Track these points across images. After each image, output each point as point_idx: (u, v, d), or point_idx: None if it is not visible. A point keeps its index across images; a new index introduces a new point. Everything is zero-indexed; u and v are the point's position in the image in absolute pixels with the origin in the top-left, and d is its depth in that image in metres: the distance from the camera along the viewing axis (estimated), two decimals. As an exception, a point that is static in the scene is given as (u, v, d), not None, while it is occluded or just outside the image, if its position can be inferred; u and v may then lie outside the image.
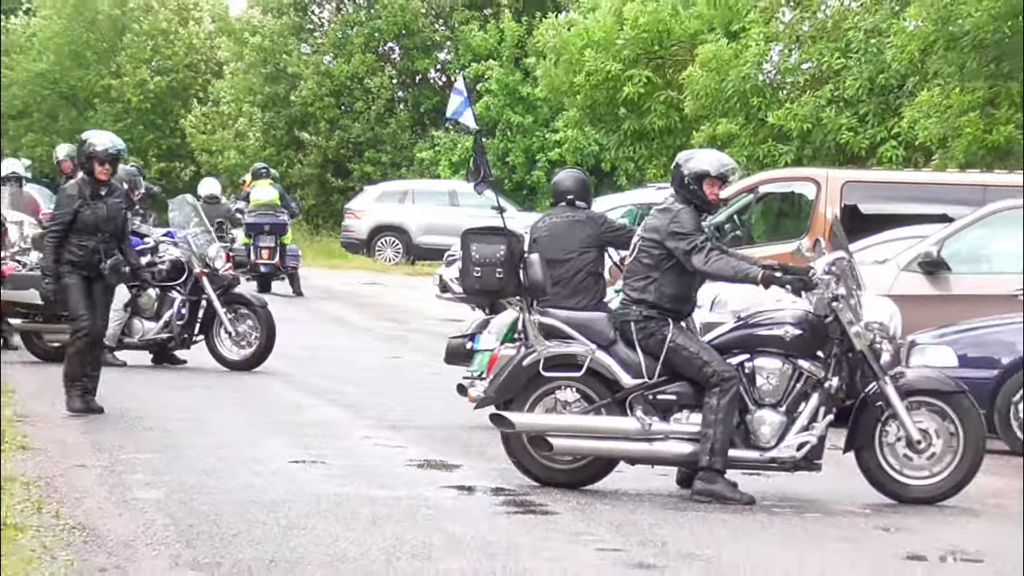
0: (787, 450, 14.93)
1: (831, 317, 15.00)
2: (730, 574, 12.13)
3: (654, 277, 15.03)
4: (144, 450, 16.98)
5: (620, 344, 15.03)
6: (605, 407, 15.01)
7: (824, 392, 15.02)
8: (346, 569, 11.77)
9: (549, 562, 12.31)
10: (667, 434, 14.92)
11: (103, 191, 19.20)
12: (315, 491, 14.90)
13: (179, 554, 12.15)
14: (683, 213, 15.04)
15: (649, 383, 14.95)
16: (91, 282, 19.06)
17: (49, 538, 12.35)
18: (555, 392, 15.09)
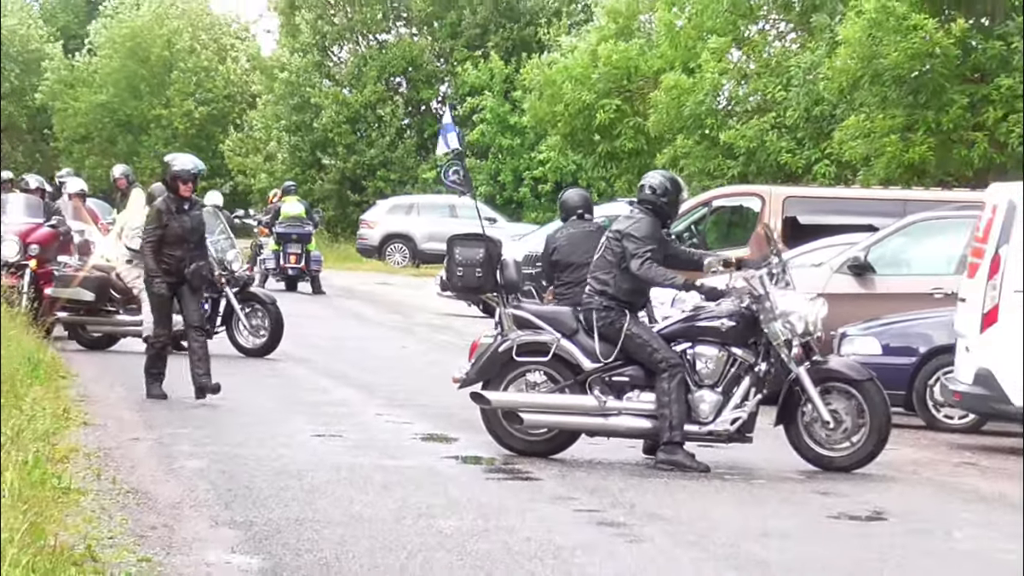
0: (723, 424, 15.04)
1: (754, 312, 15.14)
2: (688, 531, 12.11)
3: (615, 272, 15.14)
4: (188, 426, 16.97)
5: (582, 333, 15.14)
6: (568, 387, 15.14)
7: (754, 375, 15.12)
8: (361, 527, 11.76)
9: (534, 521, 12.31)
10: (620, 410, 15.08)
11: (187, 206, 18.84)
12: (334, 461, 14.90)
13: (218, 515, 12.15)
14: (643, 222, 15.19)
15: (605, 366, 15.07)
16: (177, 287, 18.77)
17: (107, 501, 12.33)
18: (526, 374, 15.23)
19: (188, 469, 14.21)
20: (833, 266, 22.20)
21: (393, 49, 65.62)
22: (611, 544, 11.55)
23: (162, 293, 18.75)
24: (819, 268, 22.45)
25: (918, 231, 22.41)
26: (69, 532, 10.62)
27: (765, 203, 25.78)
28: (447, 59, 64.73)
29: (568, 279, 17.34)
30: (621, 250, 15.06)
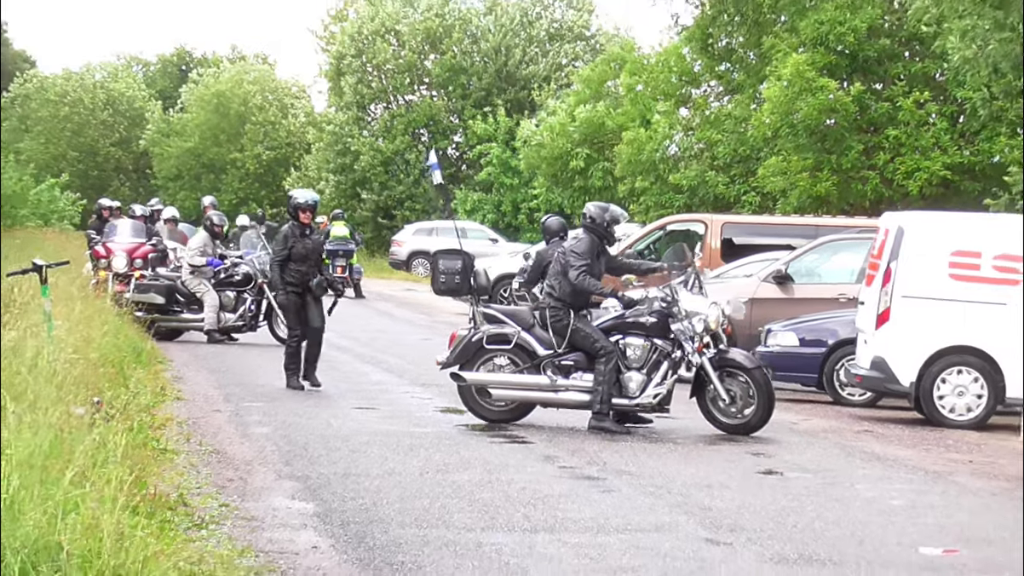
0: (647, 399, 15.25)
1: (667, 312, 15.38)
2: (648, 483, 12.07)
3: (562, 280, 15.35)
4: (258, 400, 16.94)
5: (537, 327, 15.41)
6: (526, 369, 15.39)
7: (671, 360, 15.33)
8: (392, 480, 11.72)
9: (528, 475, 12.28)
10: (567, 387, 15.34)
11: (308, 231, 18.35)
12: (371, 428, 14.85)
13: (281, 469, 12.12)
14: (583, 242, 15.45)
15: (555, 353, 15.31)
16: (303, 296, 18.20)
17: (195, 458, 12.32)
18: (493, 359, 15.50)
19: (258, 434, 14.18)
20: (761, 277, 22.19)
21: (417, 107, 65.56)
22: (588, 493, 11.52)
23: (291, 302, 18.25)
24: (750, 278, 22.43)
25: (827, 249, 22.40)
26: (165, 483, 10.60)
27: (708, 227, 25.70)
28: (459, 115, 64.67)
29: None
30: (565, 263, 15.26)
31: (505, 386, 15.41)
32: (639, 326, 15.37)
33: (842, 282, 21.50)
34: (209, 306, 24.05)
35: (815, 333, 19.80)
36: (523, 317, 15.58)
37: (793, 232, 24.84)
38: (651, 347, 15.31)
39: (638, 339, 15.34)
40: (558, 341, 15.28)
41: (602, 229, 15.53)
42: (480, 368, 15.45)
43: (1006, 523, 11.09)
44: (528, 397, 15.47)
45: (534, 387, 15.35)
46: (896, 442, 15.84)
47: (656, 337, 15.33)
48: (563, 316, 15.25)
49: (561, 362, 15.29)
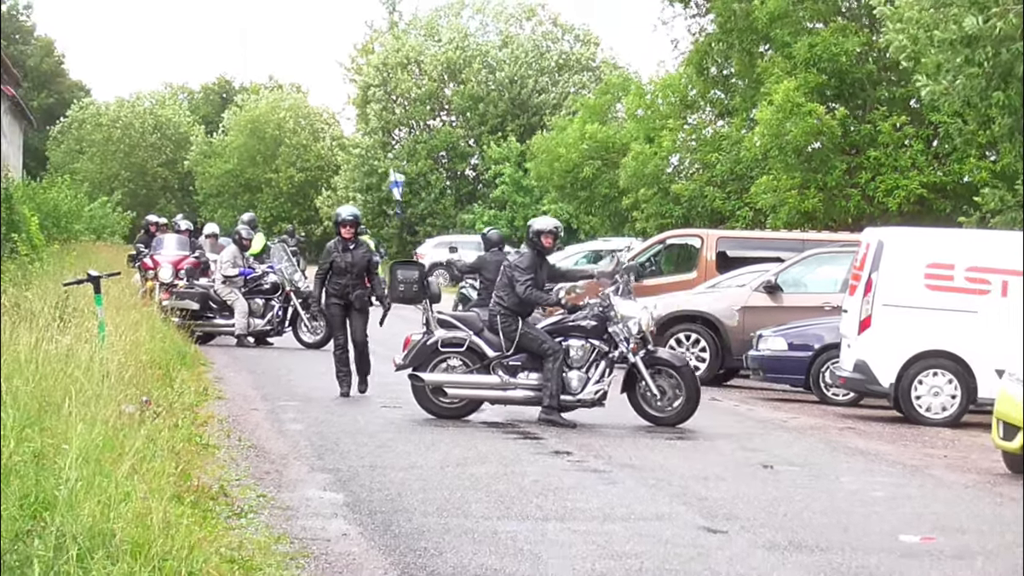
0: (587, 395, 15.37)
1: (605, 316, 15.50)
2: (650, 476, 12.05)
3: (510, 291, 15.44)
4: (293, 399, 16.93)
5: (486, 331, 15.49)
6: (476, 370, 15.45)
7: (608, 359, 15.49)
8: (415, 472, 11.71)
9: (540, 468, 12.26)
10: (516, 386, 15.39)
11: (351, 246, 17.56)
12: (397, 425, 14.86)
13: (314, 463, 12.11)
14: (527, 257, 15.61)
15: (504, 355, 15.38)
16: (347, 308, 17.55)
17: (234, 453, 12.31)
18: (447, 360, 15.51)
19: (292, 430, 14.17)
20: (752, 286, 22.17)
21: (438, 133, 65.65)
22: (595, 485, 11.50)
23: (333, 313, 17.64)
24: (742, 288, 22.40)
25: (813, 261, 22.37)
26: (208, 476, 10.59)
27: (704, 242, 25.65)
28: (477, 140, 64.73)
29: (490, 287, 18.39)
30: (512, 278, 15.41)
31: (460, 386, 15.44)
32: (579, 329, 15.53)
33: (827, 292, 21.46)
34: (239, 312, 24.12)
35: (802, 338, 19.76)
36: (473, 322, 15.71)
37: (782, 246, 24.78)
38: (590, 348, 15.48)
39: (578, 340, 15.49)
40: (507, 345, 15.38)
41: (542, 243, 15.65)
42: (434, 369, 15.47)
43: (978, 513, 11.07)
44: (480, 395, 15.55)
45: (486, 386, 15.42)
46: (877, 438, 15.80)
47: (594, 338, 15.50)
48: (512, 323, 15.36)
49: (509, 363, 15.40)
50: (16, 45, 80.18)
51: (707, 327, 21.99)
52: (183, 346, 19.91)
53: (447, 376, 15.44)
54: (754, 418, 17.45)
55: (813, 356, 19.55)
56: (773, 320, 20.73)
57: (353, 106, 70.21)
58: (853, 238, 22.36)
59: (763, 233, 29.12)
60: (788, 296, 21.79)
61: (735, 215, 37.18)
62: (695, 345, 21.99)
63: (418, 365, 15.46)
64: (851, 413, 18.56)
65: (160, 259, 26.96)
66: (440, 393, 15.47)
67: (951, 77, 21.29)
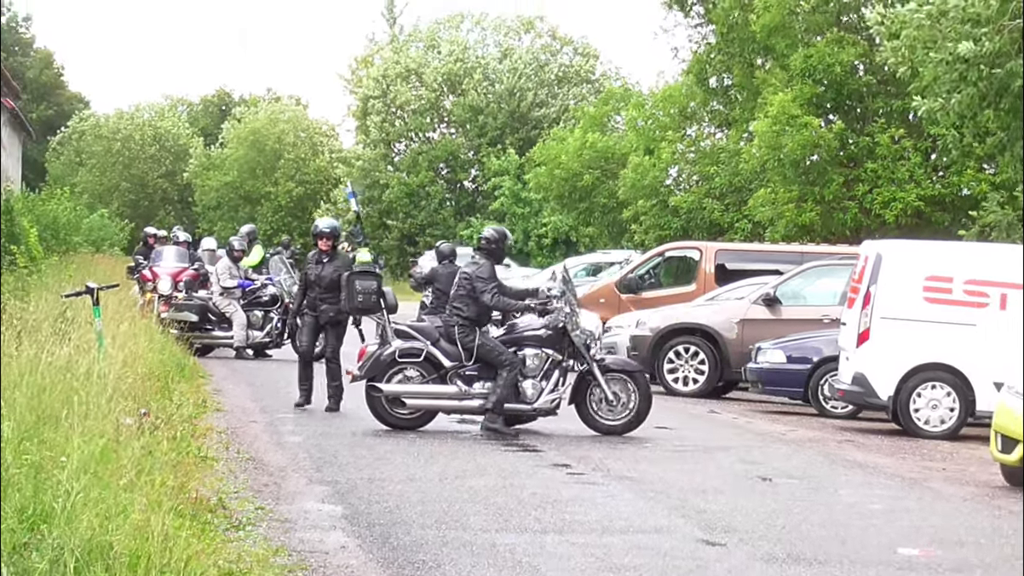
0: (543, 404, 15.40)
1: (563, 325, 15.51)
2: (648, 488, 12.04)
3: (468, 302, 15.43)
4: (291, 412, 16.92)
5: (443, 341, 15.46)
6: (432, 380, 15.40)
7: (562, 369, 15.56)
8: (413, 485, 11.70)
9: (538, 480, 12.26)
10: (473, 395, 15.37)
11: (324, 259, 17.27)
12: (395, 437, 14.84)
13: (312, 476, 12.10)
14: (485, 266, 15.61)
15: (460, 365, 15.37)
16: (317, 320, 17.19)
17: (233, 465, 12.29)
18: (403, 371, 15.43)
19: (291, 443, 14.17)
20: (751, 299, 22.18)
21: (438, 144, 65.75)
22: (593, 497, 11.49)
23: (306, 322, 17.30)
24: (741, 300, 22.42)
25: (812, 274, 22.40)
26: (206, 488, 10.57)
27: (703, 254, 25.68)
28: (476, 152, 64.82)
29: (441, 297, 19.69)
30: (471, 287, 15.39)
31: (419, 396, 15.40)
32: (535, 339, 15.56)
33: (826, 304, 21.47)
34: (238, 324, 24.15)
35: (801, 351, 19.76)
36: (429, 332, 15.68)
37: (781, 258, 24.81)
38: (545, 357, 15.50)
39: (534, 350, 15.50)
40: (465, 355, 15.36)
41: (497, 249, 15.79)
42: (390, 380, 15.40)
43: (977, 526, 11.06)
44: (438, 405, 15.53)
45: (444, 396, 15.39)
46: (875, 451, 15.80)
47: (549, 348, 15.52)
48: (470, 333, 15.35)
49: (466, 373, 15.39)
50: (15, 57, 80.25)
51: (706, 339, 21.99)
52: (182, 358, 19.91)
53: (406, 387, 15.39)
54: (753, 431, 17.45)
55: (812, 369, 19.56)
56: (772, 333, 20.74)
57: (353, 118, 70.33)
58: (852, 251, 22.38)
59: (762, 246, 29.15)
60: (787, 309, 21.80)
61: (734, 227, 37.22)
62: (694, 357, 21.99)
63: (374, 376, 15.39)
64: (850, 426, 18.56)
65: (159, 271, 26.98)
66: (396, 404, 15.42)
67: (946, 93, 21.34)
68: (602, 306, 25.36)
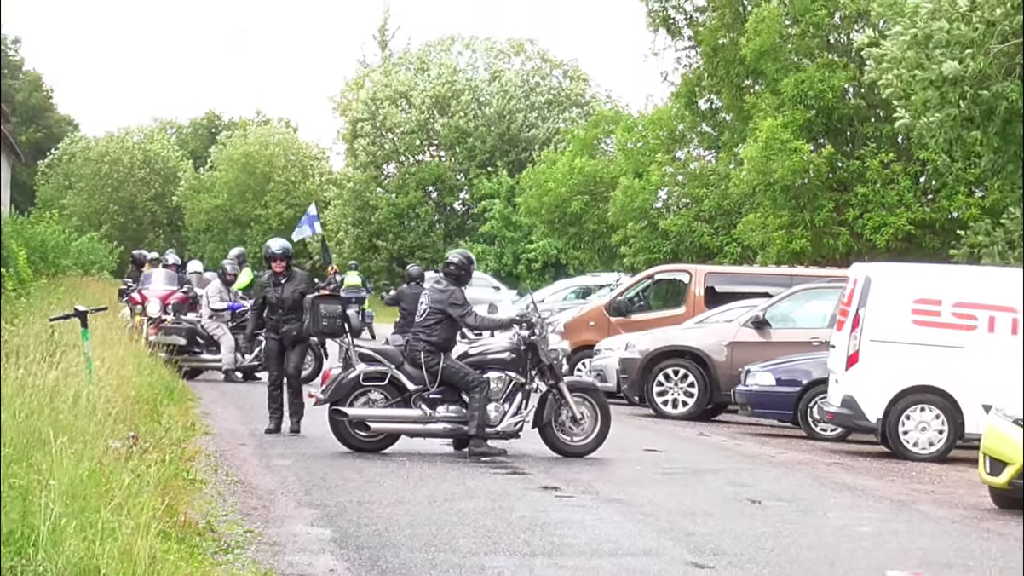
0: (505, 427, 15.44)
1: (526, 347, 15.60)
2: (638, 511, 12.04)
3: (437, 329, 15.46)
4: (280, 435, 16.89)
5: (406, 364, 15.47)
6: (396, 403, 15.41)
7: (524, 392, 15.61)
8: (402, 508, 11.69)
9: (527, 503, 12.26)
10: (437, 419, 15.40)
11: (283, 280, 17.12)
12: (384, 460, 14.83)
13: (301, 499, 12.09)
14: (456, 292, 15.65)
15: (424, 388, 15.39)
16: (281, 343, 17.10)
17: (221, 488, 12.29)
18: (367, 394, 15.43)
19: (280, 466, 14.16)
20: (741, 321, 22.23)
21: (427, 166, 65.82)
22: (582, 520, 11.49)
23: (270, 347, 17.27)
24: (731, 323, 22.47)
25: (801, 297, 22.44)
26: (195, 511, 10.57)
27: (692, 277, 25.72)
28: (466, 174, 64.89)
29: (408, 317, 20.83)
30: (443, 314, 15.45)
31: (383, 420, 15.41)
32: (498, 362, 15.61)
33: (815, 327, 21.51)
34: (226, 347, 24.13)
35: (790, 374, 19.79)
36: (393, 355, 15.70)
37: (770, 281, 24.87)
38: (508, 380, 15.54)
39: (497, 373, 15.53)
40: (430, 379, 15.38)
41: (464, 274, 15.82)
42: (354, 403, 15.40)
43: (965, 548, 11.08)
44: (403, 429, 15.52)
45: (409, 419, 15.40)
46: (864, 473, 15.82)
47: (512, 371, 15.57)
48: (435, 358, 15.38)
49: (430, 396, 15.42)
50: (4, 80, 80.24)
51: (695, 362, 22.02)
52: (170, 381, 19.89)
53: (370, 411, 15.39)
54: (742, 453, 17.46)
55: (801, 391, 19.58)
56: (761, 355, 20.78)
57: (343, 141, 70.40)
58: (841, 274, 22.43)
59: (751, 268, 29.22)
60: (776, 331, 21.85)
61: (723, 251, 37.27)
62: (683, 380, 22.02)
63: (338, 399, 15.38)
64: (839, 448, 18.58)
65: (148, 294, 26.96)
66: (360, 426, 15.42)
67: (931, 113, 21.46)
68: (592, 329, 25.39)
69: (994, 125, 21.27)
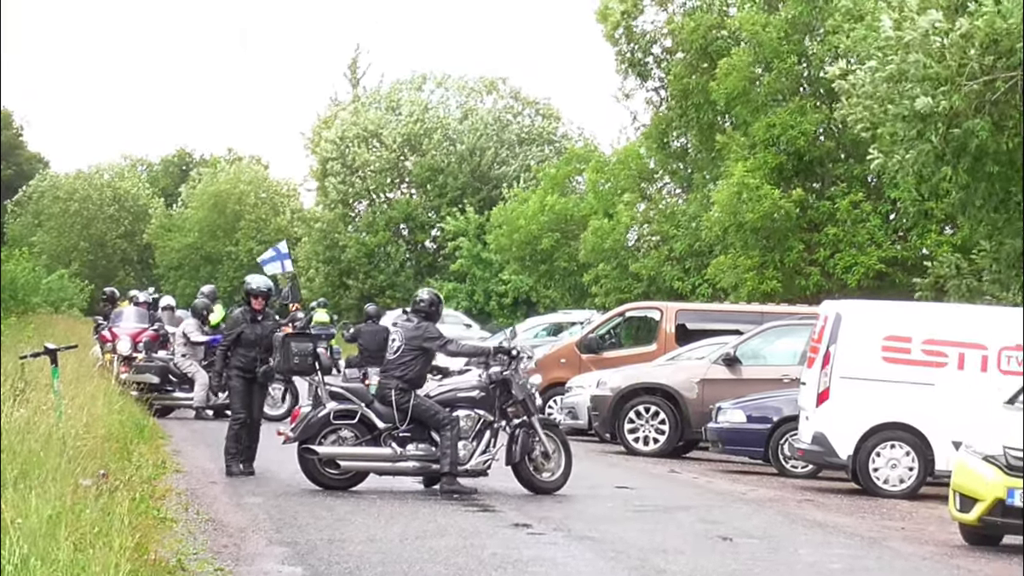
0: (474, 465, 15.46)
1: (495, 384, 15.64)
2: (609, 548, 12.04)
3: (410, 365, 15.49)
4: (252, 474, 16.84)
5: (376, 403, 15.48)
6: (365, 441, 15.38)
7: (493, 429, 15.64)
8: (374, 546, 11.68)
9: (499, 540, 12.24)
10: (407, 457, 15.40)
11: (260, 317, 16.86)
12: (355, 498, 14.81)
13: (272, 536, 12.07)
14: (431, 327, 15.73)
15: (394, 426, 15.37)
16: (251, 382, 16.74)
17: (192, 526, 12.25)
18: (338, 431, 15.39)
19: (250, 504, 14.13)
20: (711, 359, 22.30)
21: (397, 204, 65.86)
22: (554, 557, 11.50)
23: (237, 386, 16.73)
24: (701, 360, 22.53)
25: (772, 334, 22.52)
26: (165, 549, 10.54)
27: (663, 314, 25.80)
28: (436, 212, 64.93)
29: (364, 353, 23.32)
30: (419, 350, 15.50)
31: (354, 458, 15.39)
32: (467, 400, 15.65)
33: (785, 364, 21.58)
34: (200, 384, 24.03)
35: (761, 411, 19.85)
36: (363, 394, 15.76)
37: (741, 318, 24.97)
38: (477, 418, 15.57)
39: (467, 411, 15.57)
40: (400, 417, 15.37)
41: (434, 311, 15.88)
42: (323, 441, 15.36)
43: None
44: (373, 467, 15.52)
45: (379, 458, 15.40)
46: (835, 510, 15.86)
47: (481, 409, 15.61)
48: (406, 396, 15.39)
49: (400, 434, 15.41)
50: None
51: (666, 399, 22.07)
52: (141, 419, 19.84)
53: (341, 449, 15.37)
54: (713, 490, 17.48)
55: (772, 428, 19.63)
56: (732, 392, 20.84)
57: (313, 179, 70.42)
58: (811, 311, 22.52)
59: (722, 306, 29.31)
60: (747, 368, 21.92)
61: (695, 292, 37.34)
62: (654, 417, 22.06)
63: (308, 437, 15.35)
64: (809, 485, 18.62)
65: (119, 331, 26.91)
66: (331, 465, 15.39)
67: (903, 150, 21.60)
68: (563, 366, 25.42)
69: (964, 162, 21.43)
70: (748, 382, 21.38)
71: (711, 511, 15.02)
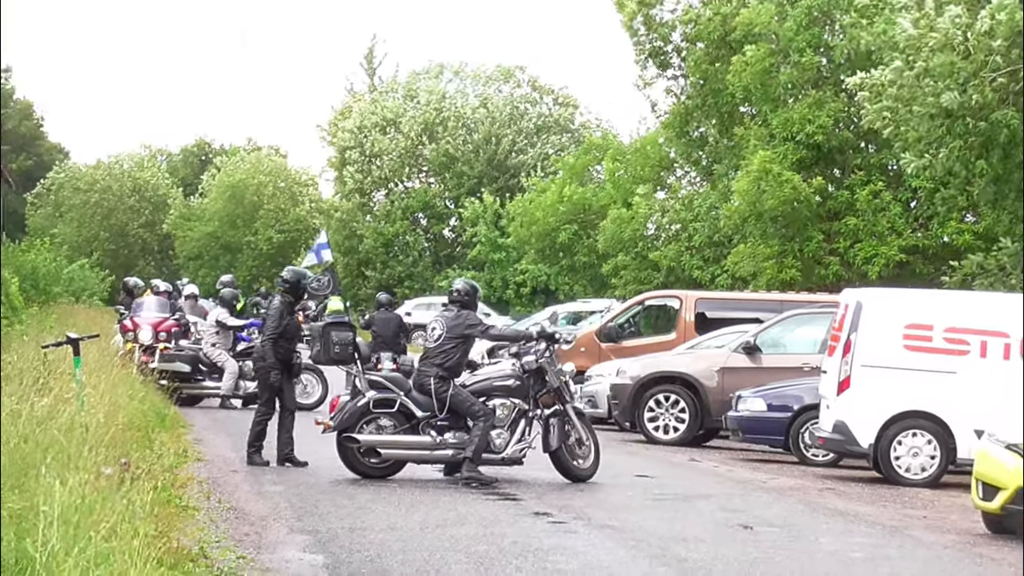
0: (510, 453, 15.56)
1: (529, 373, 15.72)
2: (629, 537, 12.04)
3: (451, 353, 15.55)
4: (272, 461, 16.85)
5: (415, 392, 15.54)
6: (404, 430, 15.45)
7: (528, 419, 15.74)
8: (395, 534, 11.69)
9: (519, 529, 12.24)
10: (446, 445, 15.44)
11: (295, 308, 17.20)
12: (376, 486, 14.82)
13: (293, 525, 12.09)
14: (471, 315, 15.86)
15: (432, 415, 15.44)
16: (283, 375, 16.64)
17: (213, 515, 12.28)
18: (377, 420, 15.46)
19: (272, 492, 14.15)
20: (731, 347, 22.25)
21: (415, 193, 65.88)
22: (574, 546, 11.49)
23: (275, 379, 16.57)
24: (721, 349, 22.51)
25: (792, 323, 22.47)
26: (187, 537, 10.57)
27: (682, 303, 25.77)
28: (455, 201, 64.93)
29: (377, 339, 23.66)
30: (460, 338, 15.59)
31: (394, 446, 15.43)
32: (503, 389, 15.72)
33: (806, 352, 21.54)
34: (229, 373, 24.05)
35: (781, 399, 19.82)
36: (401, 383, 15.77)
37: (761, 307, 24.93)
38: (512, 407, 15.64)
39: (503, 400, 15.64)
40: (439, 406, 15.41)
41: (471, 301, 15.93)
42: (362, 430, 15.43)
43: (958, 574, 11.09)
44: (413, 455, 15.56)
45: (419, 446, 15.44)
46: (856, 499, 15.83)
47: (516, 398, 15.67)
48: (445, 385, 15.44)
49: (438, 423, 15.47)
50: None
51: (686, 388, 22.04)
52: (163, 408, 19.88)
53: (382, 437, 15.42)
54: (733, 479, 17.46)
55: (792, 417, 19.61)
56: (752, 381, 20.80)
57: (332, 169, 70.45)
58: (832, 299, 22.47)
59: (742, 294, 29.26)
60: (767, 357, 21.87)
61: (714, 282, 37.30)
62: (674, 406, 22.03)
63: (348, 426, 15.42)
64: (830, 474, 18.59)
65: (140, 321, 26.96)
66: (370, 453, 15.45)
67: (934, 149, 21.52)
68: (582, 355, 25.40)
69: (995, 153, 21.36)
70: (768, 370, 21.36)
71: (731, 500, 15.01)
